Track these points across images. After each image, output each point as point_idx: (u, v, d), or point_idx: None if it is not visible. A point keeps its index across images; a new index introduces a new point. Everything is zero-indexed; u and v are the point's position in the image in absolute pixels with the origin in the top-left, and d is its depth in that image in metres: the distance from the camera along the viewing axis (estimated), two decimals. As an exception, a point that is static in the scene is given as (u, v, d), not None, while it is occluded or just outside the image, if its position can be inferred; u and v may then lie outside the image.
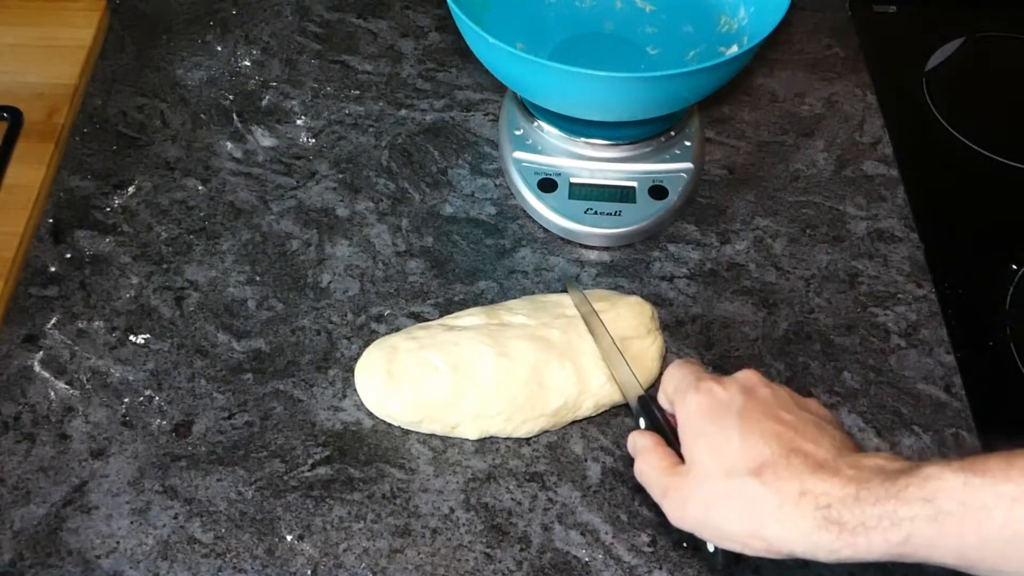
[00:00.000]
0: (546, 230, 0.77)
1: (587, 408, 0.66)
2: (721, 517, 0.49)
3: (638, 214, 0.76)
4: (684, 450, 0.52)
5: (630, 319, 0.67)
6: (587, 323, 0.66)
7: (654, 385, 0.67)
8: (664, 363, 0.68)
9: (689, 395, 0.52)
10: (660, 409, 0.57)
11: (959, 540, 0.43)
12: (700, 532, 0.50)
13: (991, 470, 0.43)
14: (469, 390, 0.64)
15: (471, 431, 0.65)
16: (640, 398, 0.58)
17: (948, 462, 0.45)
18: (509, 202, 0.79)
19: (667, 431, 0.55)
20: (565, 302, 0.68)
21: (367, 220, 0.78)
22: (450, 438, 0.66)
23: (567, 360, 0.65)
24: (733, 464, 0.49)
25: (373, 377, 0.66)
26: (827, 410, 0.54)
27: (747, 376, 0.53)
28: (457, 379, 0.64)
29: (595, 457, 0.66)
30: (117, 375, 0.69)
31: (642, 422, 0.57)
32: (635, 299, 0.69)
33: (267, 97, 0.87)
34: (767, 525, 0.47)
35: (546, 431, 0.66)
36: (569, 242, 0.77)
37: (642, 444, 0.54)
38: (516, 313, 0.68)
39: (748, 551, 0.48)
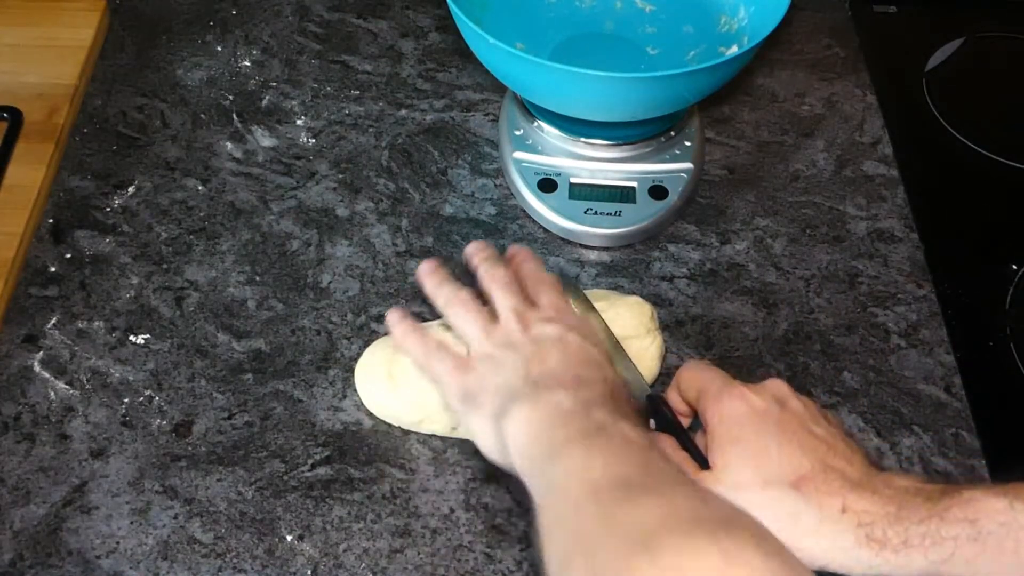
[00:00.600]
0: (546, 230, 0.77)
1: None
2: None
3: (638, 214, 0.76)
4: (715, 455, 0.51)
5: (629, 319, 0.67)
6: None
7: (652, 385, 0.67)
8: (663, 363, 0.68)
9: (724, 400, 0.52)
10: (669, 409, 0.56)
11: (998, 561, 0.44)
12: None
13: None
14: None
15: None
16: (649, 397, 0.58)
17: (988, 486, 0.46)
18: (509, 202, 0.79)
19: (679, 432, 0.55)
20: None
21: (367, 220, 0.78)
22: (450, 438, 0.66)
23: None
24: (772, 475, 0.49)
25: (373, 378, 0.66)
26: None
27: (778, 386, 0.53)
28: None
29: (595, 457, 0.66)
30: (117, 375, 0.69)
31: (652, 422, 0.56)
32: (634, 299, 0.69)
33: (267, 97, 0.87)
34: (803, 538, 0.47)
35: (546, 431, 0.66)
36: (569, 242, 0.77)
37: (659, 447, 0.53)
38: None
39: None
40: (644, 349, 0.66)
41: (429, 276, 0.59)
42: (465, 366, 0.55)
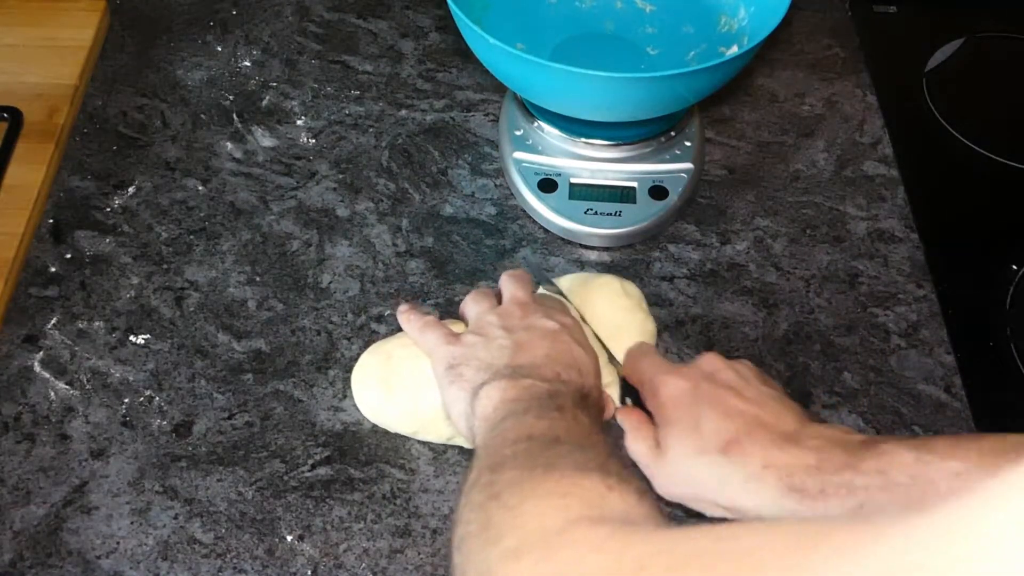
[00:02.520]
0: (546, 230, 0.77)
1: None
2: (701, 491, 0.54)
3: (638, 214, 0.76)
4: (659, 436, 0.56)
5: (601, 299, 0.66)
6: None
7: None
8: (660, 338, 0.69)
9: (658, 387, 0.57)
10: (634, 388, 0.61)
11: (907, 506, 0.46)
12: (687, 504, 0.55)
13: (939, 449, 0.48)
14: None
15: (467, 442, 0.64)
16: (623, 377, 0.62)
17: (902, 439, 0.50)
18: (509, 202, 0.79)
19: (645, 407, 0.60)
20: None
21: (367, 220, 0.78)
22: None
23: None
24: (703, 445, 0.53)
25: (368, 387, 0.65)
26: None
27: (709, 360, 0.58)
28: None
29: (595, 457, 0.66)
30: (117, 375, 0.69)
31: (628, 400, 0.61)
32: (606, 278, 0.68)
33: (267, 97, 0.87)
34: (735, 497, 0.52)
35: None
36: (569, 242, 0.77)
37: (626, 423, 0.59)
38: None
39: (729, 516, 0.53)
40: (627, 323, 0.66)
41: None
42: (456, 339, 0.60)
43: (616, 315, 0.66)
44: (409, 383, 0.64)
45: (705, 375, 0.57)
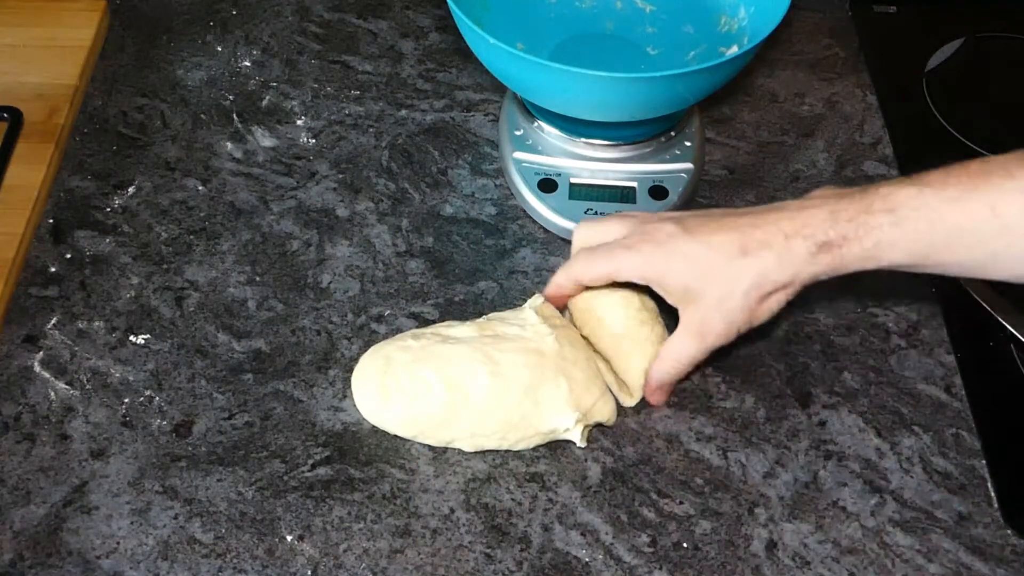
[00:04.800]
0: (546, 230, 0.77)
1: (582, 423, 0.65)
2: (750, 302, 0.60)
3: (638, 214, 0.76)
4: (685, 320, 0.62)
5: (619, 311, 0.66)
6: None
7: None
8: None
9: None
10: None
11: (915, 238, 0.55)
12: (750, 326, 0.62)
13: (934, 181, 0.55)
14: (463, 411, 0.63)
15: (467, 446, 0.64)
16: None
17: (898, 180, 0.57)
18: (509, 202, 0.79)
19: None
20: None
21: (367, 220, 0.78)
22: (450, 438, 0.66)
23: (561, 376, 0.63)
24: (727, 272, 0.59)
25: (367, 390, 0.65)
26: None
27: (629, 222, 0.64)
28: (450, 398, 0.63)
29: (595, 457, 0.66)
30: (117, 375, 0.69)
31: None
32: (623, 291, 0.67)
33: (267, 97, 0.87)
34: (778, 277, 0.59)
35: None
36: (569, 242, 0.77)
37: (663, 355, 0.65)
38: (510, 324, 0.66)
39: (783, 299, 0.61)
40: (644, 338, 0.66)
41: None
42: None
43: (635, 329, 0.66)
44: (406, 390, 0.63)
45: (642, 231, 0.62)
